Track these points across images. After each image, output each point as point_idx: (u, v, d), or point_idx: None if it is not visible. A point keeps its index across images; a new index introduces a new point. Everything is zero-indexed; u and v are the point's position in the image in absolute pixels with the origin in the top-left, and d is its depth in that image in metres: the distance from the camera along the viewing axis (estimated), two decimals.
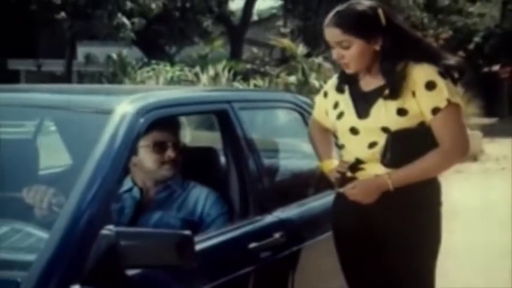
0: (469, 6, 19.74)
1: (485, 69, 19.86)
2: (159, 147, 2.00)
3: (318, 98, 2.15)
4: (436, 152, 1.88)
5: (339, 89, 2.02)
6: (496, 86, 20.16)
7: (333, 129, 2.08)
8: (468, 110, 10.70)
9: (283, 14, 19.96)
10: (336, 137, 2.11)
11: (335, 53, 1.93)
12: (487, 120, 13.53)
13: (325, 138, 2.13)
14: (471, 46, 17.04)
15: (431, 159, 1.88)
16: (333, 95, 2.05)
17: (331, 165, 2.04)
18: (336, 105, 2.02)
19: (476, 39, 18.75)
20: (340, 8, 1.93)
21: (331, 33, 1.91)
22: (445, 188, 2.01)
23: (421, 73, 1.88)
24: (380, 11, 1.90)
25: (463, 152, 1.90)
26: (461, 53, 10.75)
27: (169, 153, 2.00)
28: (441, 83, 1.87)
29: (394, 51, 1.89)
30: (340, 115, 1.99)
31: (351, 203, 1.96)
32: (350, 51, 1.90)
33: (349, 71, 1.95)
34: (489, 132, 12.08)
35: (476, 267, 4.14)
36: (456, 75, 1.91)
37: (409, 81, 1.88)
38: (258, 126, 2.48)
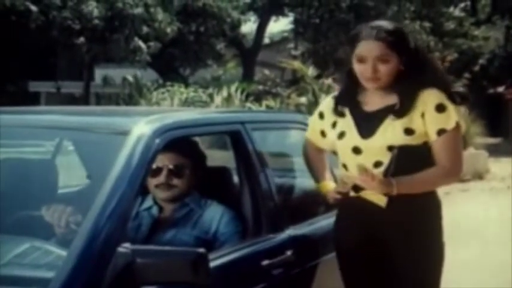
0: (474, 29, 19.82)
1: (490, 91, 19.82)
2: (153, 171, 2.04)
3: (313, 119, 2.17)
4: (436, 169, 1.96)
5: (338, 113, 2.03)
6: (501, 107, 20.09)
7: (331, 148, 2.11)
8: (473, 129, 10.69)
9: (294, 37, 20.09)
10: (335, 154, 2.12)
11: (368, 67, 1.91)
12: (492, 140, 13.48)
13: (320, 159, 2.15)
14: (476, 68, 17.10)
15: (432, 174, 1.96)
16: (330, 116, 2.07)
17: (329, 186, 2.06)
18: (334, 125, 2.05)
19: (481, 61, 18.80)
20: (377, 23, 1.95)
21: (372, 47, 1.91)
22: (451, 206, 2.07)
23: (432, 95, 1.95)
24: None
25: (459, 172, 2.01)
26: (466, 75, 10.76)
27: (161, 178, 2.07)
28: (450, 106, 1.95)
29: (413, 72, 1.95)
30: (341, 135, 2.02)
31: (354, 220, 2.00)
32: (387, 66, 1.92)
33: (375, 85, 1.95)
34: (494, 151, 12.06)
35: (479, 285, 4.08)
36: (459, 100, 1.98)
37: (419, 103, 1.94)
38: (270, 146, 2.52)
